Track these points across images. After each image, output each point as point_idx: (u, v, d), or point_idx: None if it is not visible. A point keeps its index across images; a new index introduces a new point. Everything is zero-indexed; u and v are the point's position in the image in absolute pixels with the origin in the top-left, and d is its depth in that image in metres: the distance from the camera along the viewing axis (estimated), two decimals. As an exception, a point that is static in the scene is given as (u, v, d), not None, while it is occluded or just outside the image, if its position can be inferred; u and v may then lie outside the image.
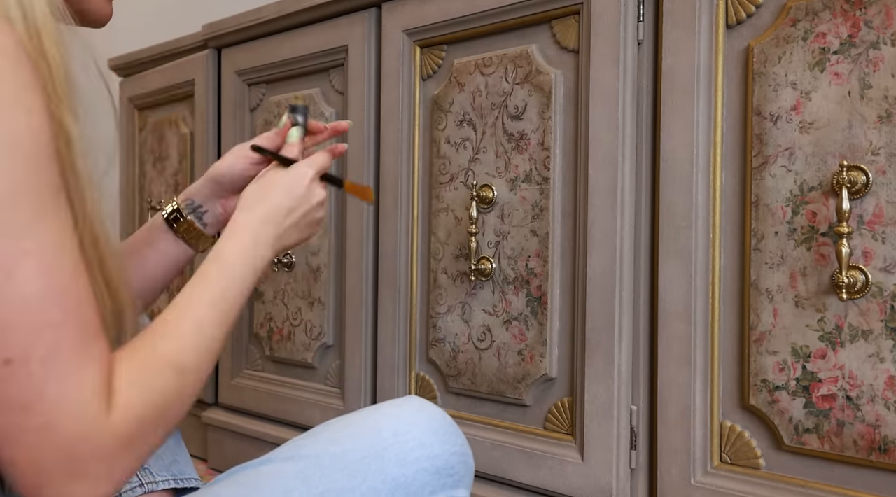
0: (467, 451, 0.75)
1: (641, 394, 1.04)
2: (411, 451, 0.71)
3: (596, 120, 1.05)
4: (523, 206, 1.14)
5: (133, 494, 0.91)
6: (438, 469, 0.71)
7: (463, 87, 1.22)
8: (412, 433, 0.72)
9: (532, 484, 1.12)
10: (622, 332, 1.04)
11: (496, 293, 1.18)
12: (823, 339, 0.89)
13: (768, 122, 0.93)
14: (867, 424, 0.86)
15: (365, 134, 1.37)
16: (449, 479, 0.72)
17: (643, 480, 1.04)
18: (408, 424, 0.72)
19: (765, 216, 0.93)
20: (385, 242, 1.33)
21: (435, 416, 0.74)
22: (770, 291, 0.92)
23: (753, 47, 0.94)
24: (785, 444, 0.92)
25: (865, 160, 0.85)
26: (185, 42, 1.81)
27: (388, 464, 0.70)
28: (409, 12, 1.29)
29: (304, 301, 1.49)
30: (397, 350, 1.31)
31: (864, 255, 0.86)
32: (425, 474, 0.71)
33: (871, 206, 0.85)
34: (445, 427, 0.74)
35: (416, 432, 0.72)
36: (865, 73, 0.86)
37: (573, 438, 1.09)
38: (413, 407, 0.75)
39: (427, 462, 0.71)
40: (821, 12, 0.89)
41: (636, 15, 1.04)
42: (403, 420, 0.73)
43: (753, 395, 0.94)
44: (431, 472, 0.71)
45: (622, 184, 1.03)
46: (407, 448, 0.71)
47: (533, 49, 1.14)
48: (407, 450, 0.71)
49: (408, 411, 0.74)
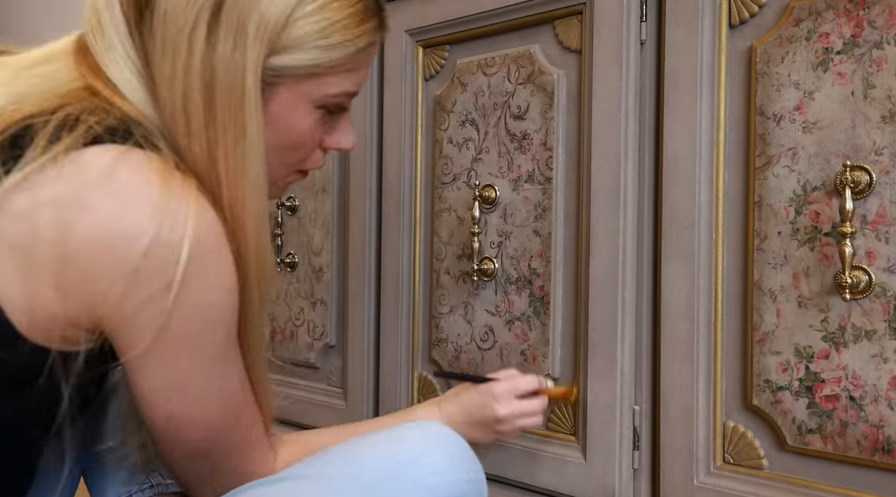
0: (481, 477, 0.76)
1: (644, 394, 1.04)
2: (426, 477, 0.71)
3: (599, 120, 1.05)
4: (526, 206, 1.14)
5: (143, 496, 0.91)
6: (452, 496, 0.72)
7: (465, 88, 1.22)
8: (428, 458, 0.72)
9: (534, 484, 1.12)
10: (625, 332, 1.03)
11: (499, 293, 1.17)
12: (827, 340, 0.89)
13: (771, 122, 0.92)
14: (870, 425, 0.85)
15: (367, 134, 1.37)
16: None
17: (646, 481, 1.04)
18: (424, 450, 0.73)
19: (768, 216, 0.93)
20: (387, 242, 1.33)
21: (451, 442, 0.75)
22: (773, 292, 0.92)
23: (756, 47, 0.94)
24: (788, 445, 0.92)
25: (869, 160, 0.85)
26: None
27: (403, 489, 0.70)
28: (411, 12, 1.29)
29: (306, 301, 1.49)
30: (400, 350, 1.31)
31: (867, 255, 0.86)
32: None
33: (875, 206, 0.85)
34: (461, 453, 0.74)
35: (432, 458, 0.72)
36: (869, 73, 0.85)
37: (576, 439, 1.09)
38: (431, 432, 0.75)
39: (441, 490, 0.71)
40: (824, 12, 0.89)
41: (639, 15, 1.03)
42: (421, 445, 0.73)
43: (756, 396, 0.94)
44: None
45: (625, 184, 1.03)
46: (422, 473, 0.71)
47: (535, 49, 1.14)
48: (422, 476, 0.71)
49: (426, 436, 0.74)
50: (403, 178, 1.30)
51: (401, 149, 1.31)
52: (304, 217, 1.50)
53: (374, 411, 1.37)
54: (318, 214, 1.48)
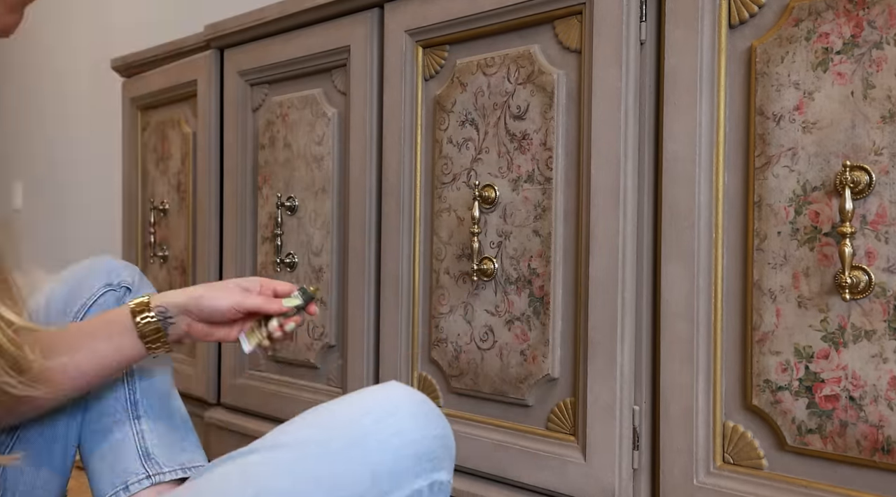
0: (448, 432, 0.76)
1: (644, 394, 1.04)
2: (392, 437, 0.72)
3: (598, 120, 1.05)
4: (525, 206, 1.14)
5: (140, 486, 0.91)
6: (419, 454, 0.73)
7: (465, 88, 1.22)
8: (393, 419, 0.73)
9: (534, 484, 1.12)
10: (624, 332, 1.03)
11: (498, 293, 1.18)
12: (826, 340, 0.89)
13: (771, 122, 0.93)
14: (870, 425, 0.85)
15: (367, 134, 1.37)
16: (429, 463, 0.73)
17: (645, 481, 1.04)
18: (388, 411, 0.73)
19: (767, 216, 0.93)
20: (387, 242, 1.33)
21: (415, 400, 0.75)
22: (773, 292, 0.92)
23: (756, 47, 0.94)
24: (788, 445, 0.92)
25: (868, 160, 0.85)
26: (187, 42, 1.81)
27: (370, 451, 0.71)
28: (411, 12, 1.29)
29: (306, 301, 1.49)
30: (399, 350, 1.31)
31: (867, 255, 0.86)
32: (406, 460, 0.72)
33: (875, 207, 0.85)
34: (425, 411, 0.75)
35: (397, 418, 0.73)
36: (868, 73, 0.85)
37: (575, 439, 1.09)
38: (393, 392, 0.76)
39: (408, 448, 0.72)
40: (824, 12, 0.89)
41: (639, 15, 1.03)
42: (384, 406, 0.74)
43: (756, 396, 0.94)
44: (412, 457, 0.72)
45: (624, 184, 1.03)
46: (387, 434, 0.72)
47: (535, 49, 1.14)
48: (387, 436, 0.72)
49: (387, 397, 0.75)
50: (403, 178, 1.30)
51: (401, 149, 1.31)
52: (303, 217, 1.51)
53: (373, 411, 1.37)
54: (318, 214, 1.48)
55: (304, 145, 1.51)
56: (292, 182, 1.53)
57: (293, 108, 1.53)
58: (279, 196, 1.53)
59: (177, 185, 1.86)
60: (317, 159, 1.48)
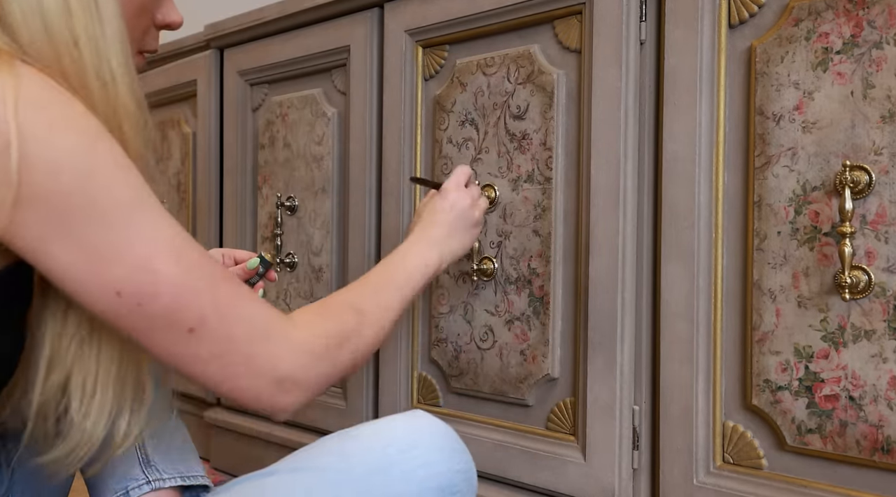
0: (471, 468, 0.76)
1: (644, 394, 1.04)
2: (416, 469, 0.71)
3: (598, 120, 1.05)
4: (525, 206, 1.14)
5: (140, 492, 0.91)
6: (442, 487, 0.72)
7: (465, 88, 1.22)
8: (418, 450, 0.72)
9: (534, 484, 1.12)
10: (624, 332, 1.03)
11: (498, 293, 1.18)
12: (826, 340, 0.89)
13: (771, 121, 0.92)
14: (870, 425, 0.85)
15: (367, 134, 1.37)
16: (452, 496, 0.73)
17: (645, 481, 1.04)
18: (414, 441, 0.73)
19: (767, 216, 0.93)
20: (387, 242, 1.33)
21: (441, 433, 0.75)
22: (773, 291, 0.92)
23: (756, 47, 0.94)
24: (787, 445, 0.92)
25: (868, 160, 0.85)
26: (187, 42, 1.81)
27: (394, 481, 0.70)
28: (411, 12, 1.29)
29: (306, 301, 1.49)
30: (399, 350, 1.31)
31: (866, 255, 0.86)
32: (429, 492, 0.72)
33: (874, 206, 0.85)
34: (451, 444, 0.75)
35: (422, 450, 0.72)
36: (868, 73, 0.85)
37: (575, 439, 1.09)
38: (420, 423, 0.75)
39: (431, 480, 0.72)
40: (823, 12, 0.89)
41: (638, 14, 1.03)
42: (410, 437, 0.73)
43: (756, 396, 0.94)
44: (435, 489, 0.72)
45: (624, 184, 1.03)
46: (412, 465, 0.71)
47: (535, 49, 1.14)
48: (412, 467, 0.71)
49: (415, 428, 0.74)
50: (403, 178, 1.30)
51: (400, 149, 1.31)
52: (303, 217, 1.51)
53: (373, 411, 1.37)
54: (317, 214, 1.48)
55: (303, 145, 1.51)
56: (292, 182, 1.53)
57: (293, 107, 1.53)
58: (279, 196, 1.53)
59: (177, 185, 1.87)
60: (316, 159, 1.48)
